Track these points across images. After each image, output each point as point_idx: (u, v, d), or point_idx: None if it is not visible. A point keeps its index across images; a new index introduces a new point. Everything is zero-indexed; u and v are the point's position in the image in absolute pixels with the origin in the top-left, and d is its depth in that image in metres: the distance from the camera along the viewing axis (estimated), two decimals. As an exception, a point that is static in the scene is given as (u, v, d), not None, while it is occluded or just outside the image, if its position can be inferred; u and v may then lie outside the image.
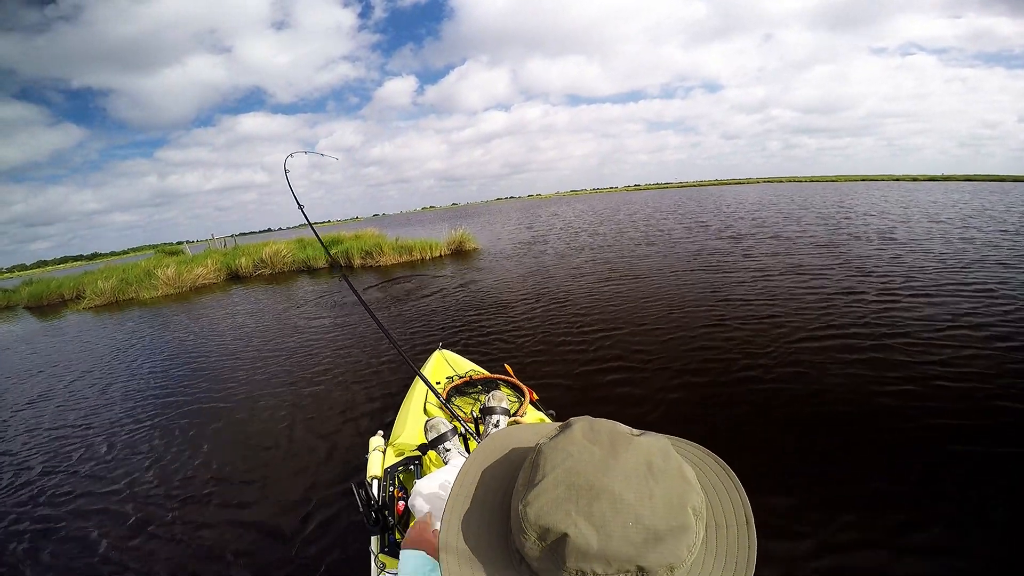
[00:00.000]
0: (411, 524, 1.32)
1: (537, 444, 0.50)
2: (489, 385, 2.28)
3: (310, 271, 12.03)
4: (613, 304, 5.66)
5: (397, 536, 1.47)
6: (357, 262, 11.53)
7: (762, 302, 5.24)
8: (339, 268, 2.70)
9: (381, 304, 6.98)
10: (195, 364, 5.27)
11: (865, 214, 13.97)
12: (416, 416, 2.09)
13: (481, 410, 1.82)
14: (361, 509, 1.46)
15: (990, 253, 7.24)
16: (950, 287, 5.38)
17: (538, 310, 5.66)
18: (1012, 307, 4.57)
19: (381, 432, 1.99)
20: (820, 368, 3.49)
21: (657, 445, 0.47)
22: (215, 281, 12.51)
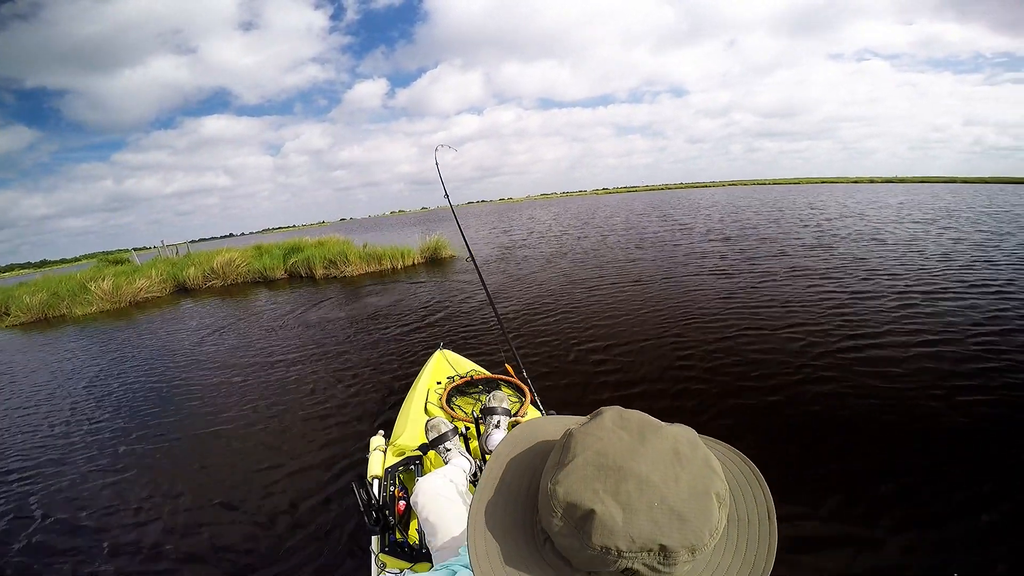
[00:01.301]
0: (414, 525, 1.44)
1: (567, 429, 0.50)
2: (490, 385, 2.25)
3: (267, 282, 10.89)
4: (620, 314, 5.10)
5: (398, 536, 1.46)
6: (319, 272, 10.44)
7: (778, 309, 4.85)
8: (474, 255, 2.51)
9: (347, 325, 6.12)
10: (130, 391, 4.32)
11: (843, 216, 14.01)
12: (417, 416, 2.05)
13: (482, 410, 1.81)
14: (362, 508, 1.42)
15: (985, 252, 7.22)
16: (964, 288, 5.25)
17: (536, 325, 4.97)
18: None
19: (382, 432, 1.96)
20: (868, 383, 3.13)
21: (684, 434, 0.48)
22: (159, 295, 11.27)
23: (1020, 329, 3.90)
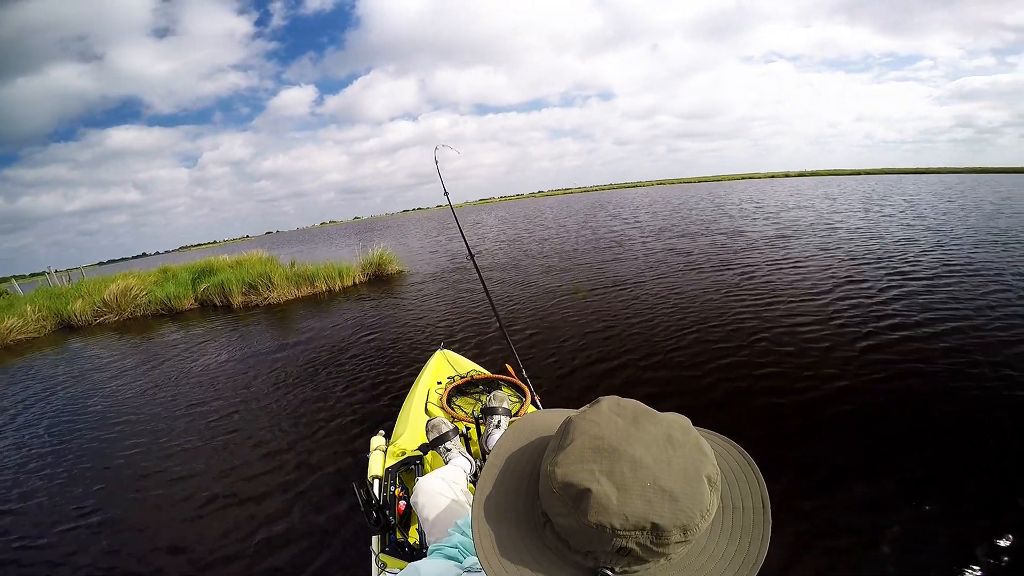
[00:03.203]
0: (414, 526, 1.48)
1: (567, 417, 0.51)
2: (490, 385, 2.21)
3: (172, 315, 8.98)
4: (620, 322, 4.51)
5: (398, 535, 1.43)
6: (238, 300, 8.67)
7: (778, 305, 4.53)
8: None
9: (263, 389, 4.89)
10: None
11: (787, 208, 14.41)
12: (417, 416, 2.02)
13: (482, 410, 1.80)
14: (362, 509, 1.39)
15: (949, 237, 7.34)
16: (948, 272, 5.22)
17: (531, 348, 4.06)
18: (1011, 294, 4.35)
19: (382, 432, 1.94)
20: (895, 379, 2.91)
21: (678, 421, 0.48)
22: (37, 335, 9.14)
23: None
